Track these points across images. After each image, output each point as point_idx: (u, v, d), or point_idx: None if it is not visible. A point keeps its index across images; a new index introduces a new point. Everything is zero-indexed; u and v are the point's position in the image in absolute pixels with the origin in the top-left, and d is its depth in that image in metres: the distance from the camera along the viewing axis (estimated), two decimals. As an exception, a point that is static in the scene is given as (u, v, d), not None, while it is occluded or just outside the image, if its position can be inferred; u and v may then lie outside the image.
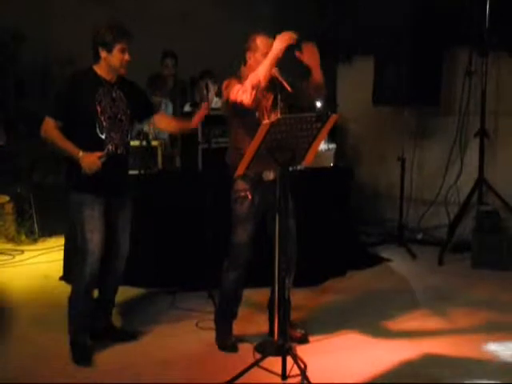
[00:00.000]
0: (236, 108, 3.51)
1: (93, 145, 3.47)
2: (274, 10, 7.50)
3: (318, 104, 5.06)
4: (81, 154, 3.41)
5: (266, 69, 3.41)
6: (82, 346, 3.61)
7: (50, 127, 3.47)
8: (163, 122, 4.02)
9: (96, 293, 3.81)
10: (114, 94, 3.58)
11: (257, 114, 3.58)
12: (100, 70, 3.55)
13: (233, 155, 3.66)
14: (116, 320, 4.04)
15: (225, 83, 3.63)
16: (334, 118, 3.29)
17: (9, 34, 6.38)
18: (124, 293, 4.27)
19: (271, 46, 3.47)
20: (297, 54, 3.55)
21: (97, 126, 3.49)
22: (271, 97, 3.66)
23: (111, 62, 3.51)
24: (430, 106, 6.18)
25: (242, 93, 3.38)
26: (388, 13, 5.98)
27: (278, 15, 7.29)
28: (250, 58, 3.63)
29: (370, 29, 6.29)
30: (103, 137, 3.52)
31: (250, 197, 3.60)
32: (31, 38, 6.47)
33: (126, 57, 3.51)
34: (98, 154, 3.44)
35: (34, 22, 6.58)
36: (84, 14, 6.58)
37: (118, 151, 3.59)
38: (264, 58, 3.48)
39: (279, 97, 3.65)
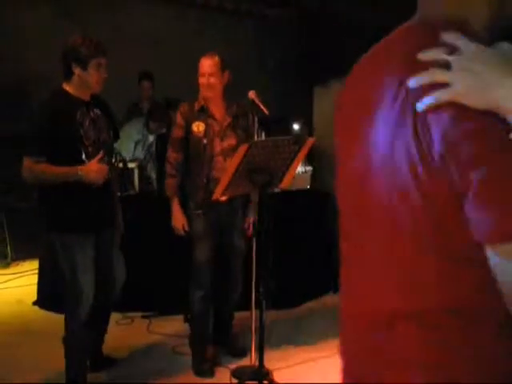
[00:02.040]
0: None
1: None
2: (253, 34, 7.55)
3: (296, 127, 5.08)
4: (79, 169, 3.11)
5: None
6: None
7: (31, 166, 3.13)
8: None
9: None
10: (92, 114, 3.28)
11: (204, 141, 3.61)
12: (72, 89, 3.22)
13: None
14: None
15: (180, 107, 3.74)
16: (310, 141, 3.30)
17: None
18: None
19: (205, 66, 3.59)
20: None
21: (82, 152, 3.19)
22: (226, 120, 3.71)
23: (86, 79, 3.19)
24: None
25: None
26: (366, 36, 6.05)
27: (257, 39, 7.34)
28: None
29: (347, 52, 6.35)
30: None
31: (201, 216, 3.67)
32: (4, 57, 6.40)
33: (103, 73, 3.21)
34: (95, 160, 3.16)
35: (5, 41, 6.51)
36: (57, 33, 6.54)
37: (107, 176, 3.29)
38: (199, 77, 3.61)
39: (256, 119, 3.66)
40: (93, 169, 3.14)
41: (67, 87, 3.24)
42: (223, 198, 3.51)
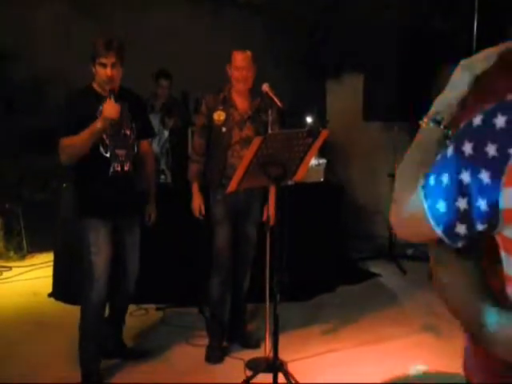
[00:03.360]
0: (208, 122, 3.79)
1: (98, 164, 3.35)
2: (265, 27, 7.53)
3: (309, 120, 5.08)
4: (98, 123, 3.25)
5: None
6: (95, 376, 3.47)
7: (61, 144, 3.31)
8: (143, 154, 3.72)
9: (106, 312, 3.69)
10: None
11: (224, 129, 3.72)
12: (96, 85, 3.42)
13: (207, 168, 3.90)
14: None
15: (204, 97, 3.87)
16: (324, 133, 3.31)
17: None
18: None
19: (240, 60, 3.70)
20: None
21: (99, 144, 3.35)
22: (247, 112, 3.80)
23: (97, 76, 3.38)
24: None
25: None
26: (377, 29, 6.02)
27: (270, 31, 7.32)
28: (228, 71, 3.80)
29: (360, 44, 6.33)
30: (108, 155, 3.39)
31: (220, 201, 3.78)
32: (20, 55, 6.43)
33: (108, 71, 3.31)
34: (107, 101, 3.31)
35: (23, 40, 6.54)
36: (72, 30, 6.57)
37: (125, 168, 3.45)
38: (234, 71, 3.71)
39: (270, 112, 3.69)
40: (105, 107, 3.28)
41: (94, 84, 3.44)
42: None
